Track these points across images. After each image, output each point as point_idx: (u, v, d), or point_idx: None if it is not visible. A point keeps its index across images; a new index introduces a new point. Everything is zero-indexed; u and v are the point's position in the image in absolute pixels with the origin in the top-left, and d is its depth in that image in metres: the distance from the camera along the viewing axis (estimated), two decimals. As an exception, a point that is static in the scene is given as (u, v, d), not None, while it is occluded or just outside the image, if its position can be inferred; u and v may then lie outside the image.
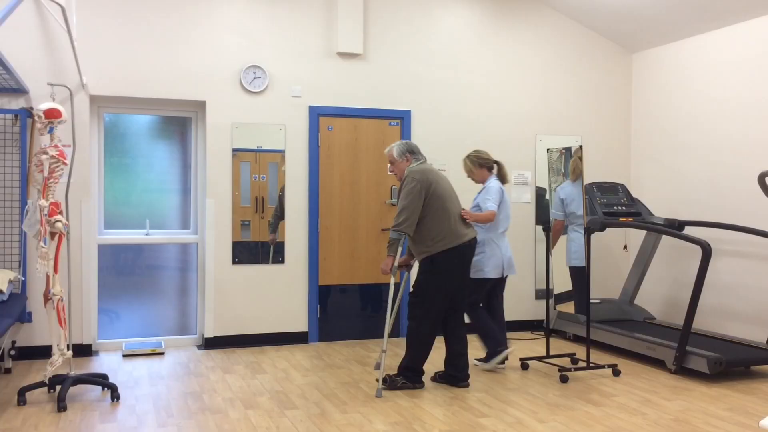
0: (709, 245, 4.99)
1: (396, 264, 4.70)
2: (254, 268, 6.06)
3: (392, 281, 4.67)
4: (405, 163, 4.79)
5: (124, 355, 5.67)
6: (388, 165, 4.97)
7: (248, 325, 6.05)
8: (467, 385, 4.77)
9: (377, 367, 4.97)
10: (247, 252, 6.03)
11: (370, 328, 6.38)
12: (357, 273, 6.33)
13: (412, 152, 4.80)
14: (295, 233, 6.15)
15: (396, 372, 4.75)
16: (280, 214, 6.09)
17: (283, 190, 6.10)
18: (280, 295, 6.13)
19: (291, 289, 6.15)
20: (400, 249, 4.65)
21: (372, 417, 4.09)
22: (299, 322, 6.17)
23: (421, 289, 4.66)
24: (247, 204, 6.05)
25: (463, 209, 4.81)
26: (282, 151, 6.12)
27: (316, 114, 6.20)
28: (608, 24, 6.81)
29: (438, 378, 4.88)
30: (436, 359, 5.29)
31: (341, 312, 6.31)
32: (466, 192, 5.79)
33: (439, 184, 4.66)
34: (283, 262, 6.12)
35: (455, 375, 4.78)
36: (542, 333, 6.74)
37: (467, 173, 5.29)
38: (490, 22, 6.73)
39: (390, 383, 4.65)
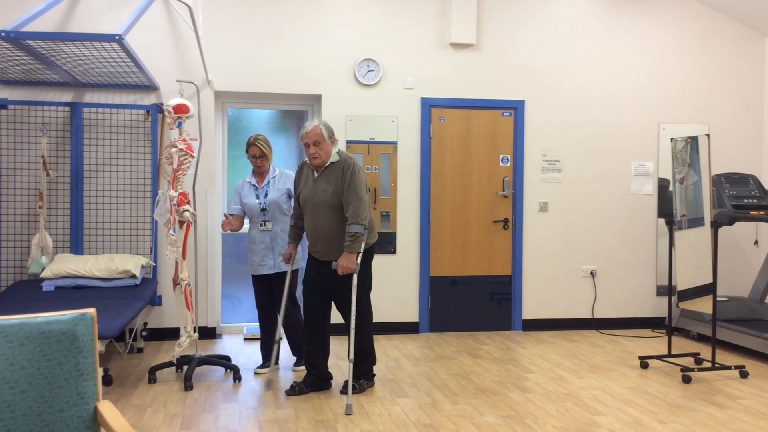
0: None
1: (288, 254, 4.57)
2: (367, 258, 6.16)
3: (354, 278, 4.18)
4: (331, 146, 4.30)
5: (245, 339, 5.93)
6: (311, 146, 4.22)
7: (361, 313, 6.17)
8: (330, 386, 4.46)
9: (269, 386, 4.54)
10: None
11: (481, 320, 6.34)
12: (468, 264, 6.31)
13: (334, 134, 4.35)
14: (406, 224, 6.21)
15: (358, 375, 4.40)
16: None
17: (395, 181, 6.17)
18: (392, 286, 6.20)
19: (402, 279, 6.22)
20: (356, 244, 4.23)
21: (483, 409, 4.08)
22: (410, 313, 6.22)
23: (360, 286, 4.30)
24: (360, 195, 6.15)
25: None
26: (394, 143, 6.18)
27: (428, 105, 6.22)
28: (738, 6, 6.40)
29: (300, 389, 4.31)
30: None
31: (452, 303, 6.31)
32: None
33: None
34: (394, 252, 6.19)
35: (327, 377, 4.43)
36: (663, 331, 6.46)
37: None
38: (608, 7, 6.49)
39: (357, 389, 4.33)
